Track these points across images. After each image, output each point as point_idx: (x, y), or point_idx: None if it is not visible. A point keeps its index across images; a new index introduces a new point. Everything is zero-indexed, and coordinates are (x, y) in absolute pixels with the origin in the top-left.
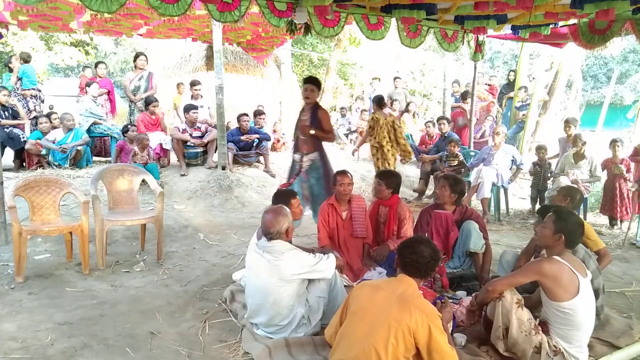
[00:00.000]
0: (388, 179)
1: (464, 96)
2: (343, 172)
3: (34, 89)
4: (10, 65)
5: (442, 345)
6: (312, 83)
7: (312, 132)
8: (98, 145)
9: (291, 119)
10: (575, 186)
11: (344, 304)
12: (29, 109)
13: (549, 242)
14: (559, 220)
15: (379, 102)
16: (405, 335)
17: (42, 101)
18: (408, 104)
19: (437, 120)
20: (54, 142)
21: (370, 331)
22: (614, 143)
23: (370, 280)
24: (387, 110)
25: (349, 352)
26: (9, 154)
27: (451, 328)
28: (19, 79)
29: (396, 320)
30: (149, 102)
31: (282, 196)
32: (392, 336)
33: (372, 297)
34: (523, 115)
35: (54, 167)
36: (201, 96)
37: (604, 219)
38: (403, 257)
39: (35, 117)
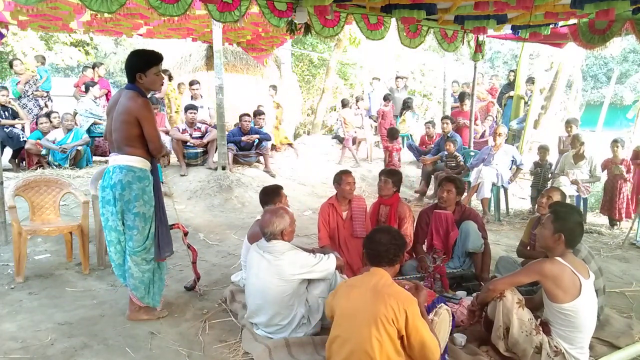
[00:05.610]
0: (393, 176)
1: (461, 98)
2: (348, 172)
3: (47, 92)
4: (14, 67)
5: (421, 330)
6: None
7: None
8: (99, 145)
9: (291, 119)
10: (555, 187)
11: (329, 310)
12: (40, 107)
13: (549, 243)
14: (557, 219)
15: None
16: (386, 326)
17: (51, 100)
18: (405, 101)
19: (441, 120)
20: (54, 142)
21: (352, 331)
22: (614, 143)
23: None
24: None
25: (342, 353)
26: (7, 153)
27: (451, 328)
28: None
29: (372, 313)
30: None
31: (270, 192)
32: (374, 330)
33: (348, 297)
34: (527, 104)
35: (54, 167)
36: (201, 96)
37: (604, 219)
38: (365, 248)
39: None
